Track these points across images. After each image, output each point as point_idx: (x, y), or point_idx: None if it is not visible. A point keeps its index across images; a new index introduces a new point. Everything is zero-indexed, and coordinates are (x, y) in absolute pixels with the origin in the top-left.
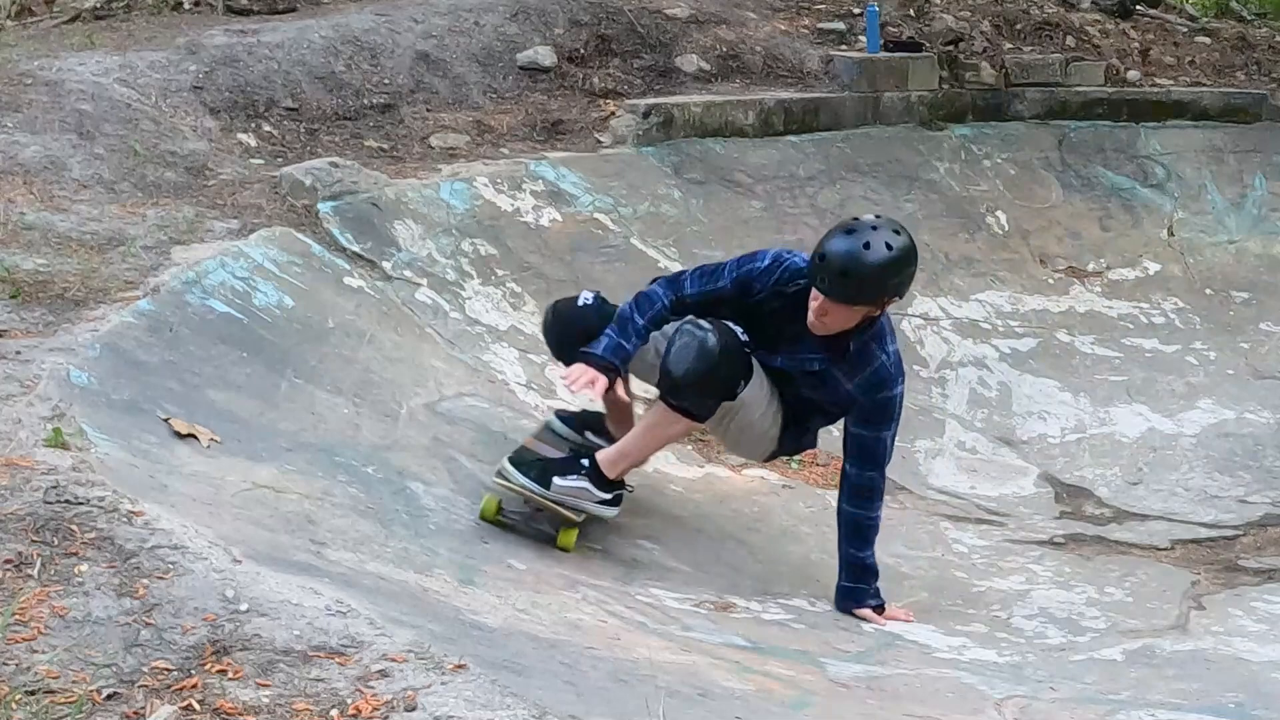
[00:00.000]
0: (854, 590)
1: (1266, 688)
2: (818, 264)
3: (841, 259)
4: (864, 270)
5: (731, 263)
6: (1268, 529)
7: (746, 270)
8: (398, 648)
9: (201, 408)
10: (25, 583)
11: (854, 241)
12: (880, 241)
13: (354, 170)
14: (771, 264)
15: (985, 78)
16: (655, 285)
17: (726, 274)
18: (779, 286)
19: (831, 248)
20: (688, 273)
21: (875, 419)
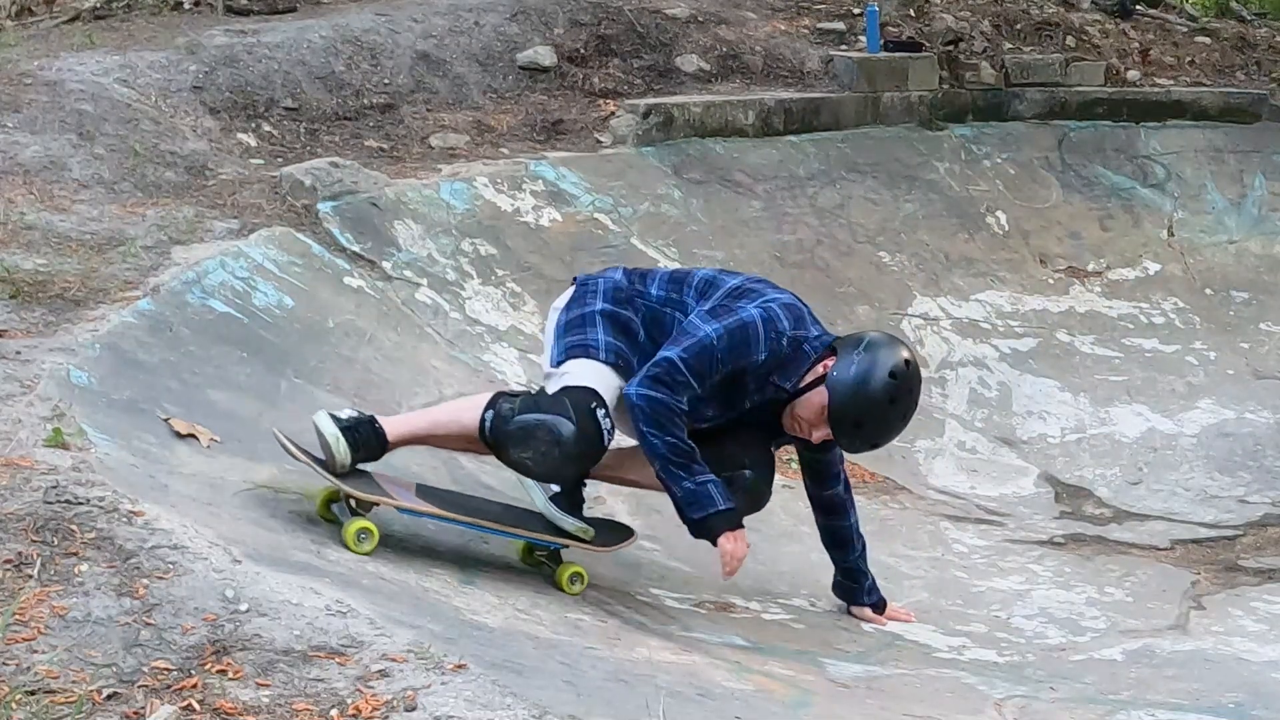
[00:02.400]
0: (848, 589)
1: (1266, 688)
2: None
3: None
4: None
5: (722, 350)
6: (1268, 529)
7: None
8: (398, 648)
9: (201, 408)
10: (25, 583)
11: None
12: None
13: (354, 170)
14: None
15: (985, 78)
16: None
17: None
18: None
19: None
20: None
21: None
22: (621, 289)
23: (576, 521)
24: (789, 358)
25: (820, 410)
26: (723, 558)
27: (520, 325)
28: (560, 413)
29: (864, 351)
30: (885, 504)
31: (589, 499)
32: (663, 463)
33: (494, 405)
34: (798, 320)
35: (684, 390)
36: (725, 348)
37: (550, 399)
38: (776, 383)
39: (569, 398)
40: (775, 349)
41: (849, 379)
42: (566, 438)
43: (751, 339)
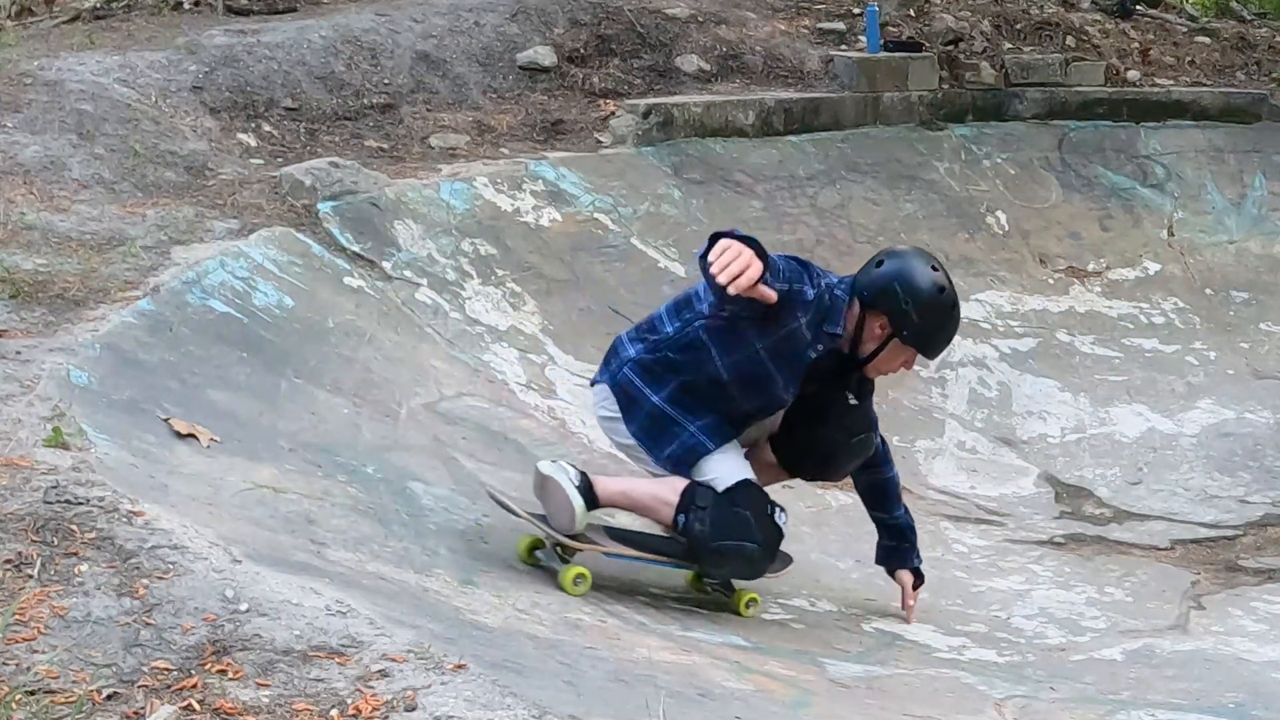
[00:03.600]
0: (891, 551)
1: (1266, 688)
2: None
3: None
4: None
5: (780, 267)
6: (1268, 529)
7: (798, 291)
8: (398, 648)
9: (201, 408)
10: (25, 583)
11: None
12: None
13: (354, 170)
14: (814, 297)
15: (985, 78)
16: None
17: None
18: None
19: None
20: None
21: (870, 393)
22: (645, 361)
23: None
24: (830, 302)
25: (905, 354)
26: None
27: (520, 325)
28: (746, 537)
29: (887, 268)
30: None
31: None
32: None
33: (686, 511)
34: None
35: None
36: (785, 267)
37: (734, 518)
38: (829, 331)
39: (750, 511)
40: (818, 287)
41: (900, 295)
42: (758, 557)
43: (801, 267)
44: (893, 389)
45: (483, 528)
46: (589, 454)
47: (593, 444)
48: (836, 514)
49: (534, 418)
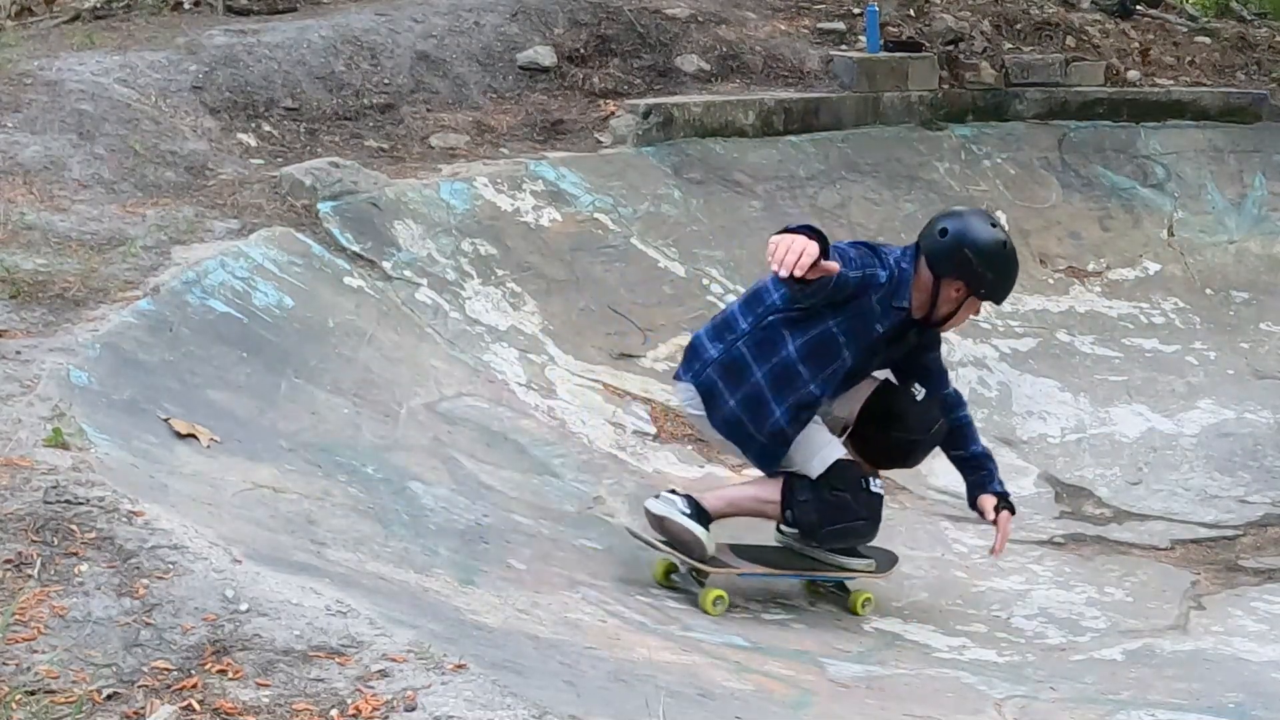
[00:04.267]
0: (977, 479)
1: (1266, 688)
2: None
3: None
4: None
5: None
6: (1268, 529)
7: (868, 277)
8: (398, 648)
9: (201, 408)
10: (25, 583)
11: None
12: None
13: (354, 170)
14: (887, 277)
15: (985, 78)
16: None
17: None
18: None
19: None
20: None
21: (936, 344)
22: (724, 360)
23: (859, 560)
24: (898, 277)
25: (976, 307)
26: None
27: (520, 325)
28: (851, 516)
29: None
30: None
31: (592, 500)
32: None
33: (791, 506)
34: (885, 247)
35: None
36: (855, 255)
37: (835, 501)
38: (896, 305)
39: (847, 491)
40: (889, 268)
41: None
42: (867, 529)
43: (880, 253)
44: None
45: (483, 527)
46: (589, 454)
47: (592, 444)
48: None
49: (534, 418)
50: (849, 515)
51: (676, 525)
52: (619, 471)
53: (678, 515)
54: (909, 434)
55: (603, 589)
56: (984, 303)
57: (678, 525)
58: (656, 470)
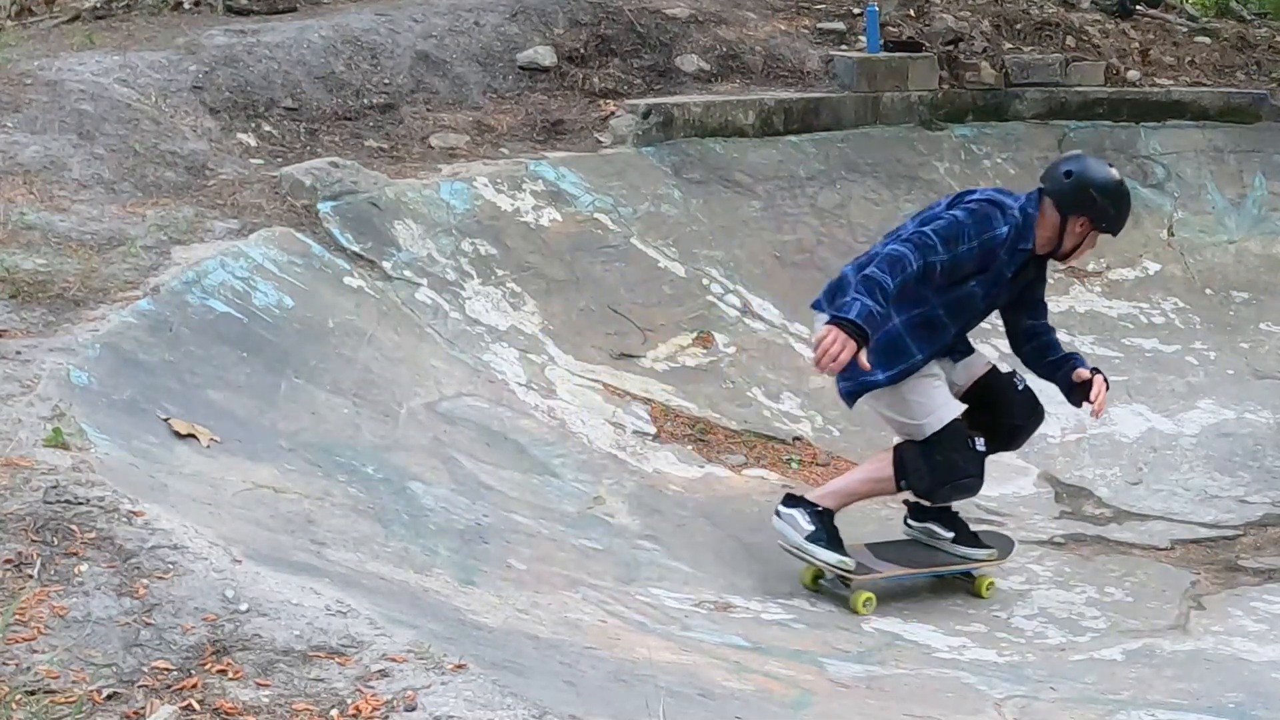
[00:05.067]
0: (1070, 366)
1: (1266, 688)
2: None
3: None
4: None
5: (968, 224)
6: (1268, 529)
7: (989, 240)
8: (398, 648)
9: (201, 408)
10: (25, 583)
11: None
12: None
13: (354, 170)
14: (1008, 232)
15: (985, 78)
16: (899, 246)
17: (968, 239)
18: (1016, 248)
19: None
20: (926, 232)
21: (1045, 278)
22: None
23: (982, 550)
24: (1021, 223)
25: (1090, 236)
26: (816, 340)
27: (520, 325)
28: (959, 475)
29: (1078, 176)
30: (885, 504)
31: (591, 500)
32: (861, 278)
33: (904, 477)
34: (1005, 196)
35: (929, 253)
36: (971, 223)
37: (943, 463)
38: (1022, 248)
39: (953, 452)
40: (1012, 222)
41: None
42: (976, 485)
43: (991, 217)
44: None
45: (483, 527)
46: (589, 454)
47: (592, 444)
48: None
49: (534, 418)
50: (958, 473)
51: (809, 557)
52: (619, 471)
53: (804, 544)
54: (1013, 419)
55: (603, 589)
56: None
57: (809, 557)
58: (656, 470)
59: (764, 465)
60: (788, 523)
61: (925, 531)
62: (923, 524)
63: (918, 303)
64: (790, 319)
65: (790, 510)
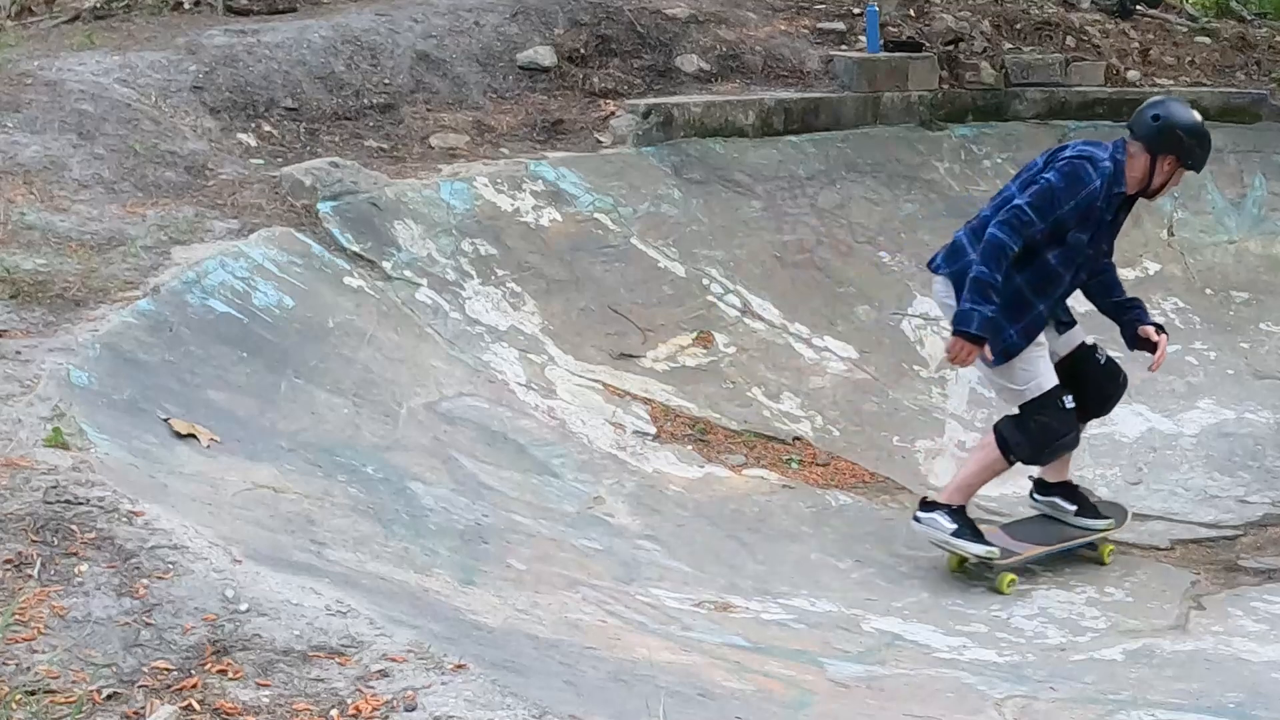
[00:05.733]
0: (1133, 316)
1: (1266, 688)
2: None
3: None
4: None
5: (1060, 187)
6: (1268, 529)
7: (1085, 196)
8: (398, 648)
9: (201, 408)
10: (25, 583)
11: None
12: None
13: (354, 170)
14: (1102, 183)
15: (985, 78)
16: (998, 233)
17: (1063, 202)
18: (1111, 194)
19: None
20: (1020, 205)
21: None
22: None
23: (1102, 520)
24: (1113, 171)
25: (1176, 173)
26: (947, 348)
27: (520, 325)
28: (1055, 435)
29: (1164, 119)
30: (885, 504)
31: (591, 500)
32: (971, 281)
33: (1010, 451)
34: (1095, 148)
35: (1027, 228)
36: (1063, 185)
37: (1039, 427)
38: (1117, 191)
39: (1046, 416)
40: (1104, 172)
41: (1183, 135)
42: (1071, 440)
43: (1083, 174)
44: (893, 389)
45: (483, 527)
46: (589, 454)
47: (592, 444)
48: (836, 514)
49: (534, 417)
50: (1054, 434)
51: (958, 550)
52: (619, 471)
53: (952, 540)
54: (1101, 391)
55: (603, 589)
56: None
57: (959, 551)
58: (656, 470)
59: (764, 465)
60: (929, 525)
61: (1050, 505)
62: (1048, 498)
63: (1032, 260)
64: (790, 319)
65: (929, 514)
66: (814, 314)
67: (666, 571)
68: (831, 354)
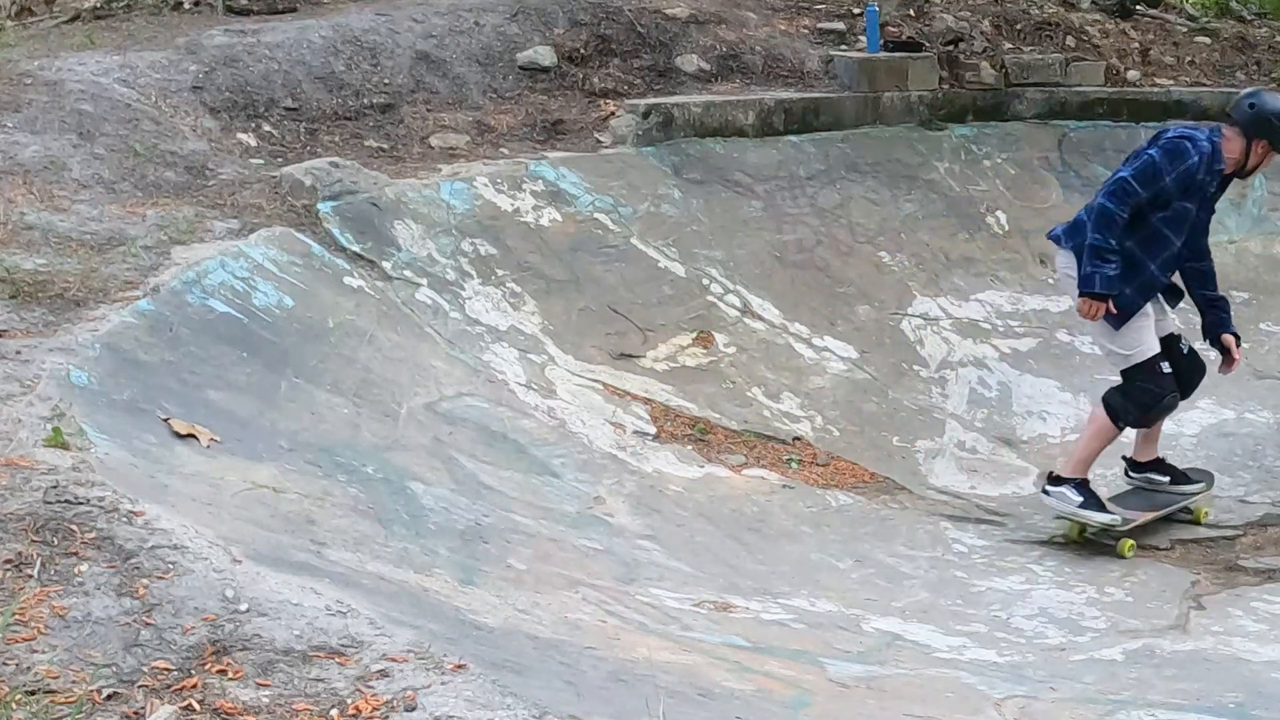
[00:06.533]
0: (1217, 320)
1: (1266, 688)
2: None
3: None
4: None
5: (1162, 162)
6: (1268, 529)
7: (1185, 170)
8: (398, 648)
9: (201, 408)
10: (25, 583)
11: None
12: None
13: (354, 170)
14: (1200, 159)
15: (985, 78)
16: (1107, 202)
17: (1165, 175)
18: (1212, 169)
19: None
20: (1124, 177)
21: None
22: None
23: (1194, 484)
24: (1212, 150)
25: (1268, 156)
26: (1078, 309)
27: (520, 325)
28: (1157, 398)
29: (1259, 108)
30: (885, 504)
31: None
32: (1088, 248)
33: (1120, 417)
34: (1194, 130)
35: (1131, 197)
36: (1165, 160)
37: (1142, 391)
38: (1217, 168)
39: (1147, 381)
40: (1202, 151)
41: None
42: (1172, 400)
43: (1183, 150)
44: (893, 389)
45: (483, 527)
46: (589, 454)
47: (592, 444)
48: (836, 514)
49: (534, 417)
50: (1157, 397)
51: (1085, 520)
52: (619, 471)
53: (1078, 510)
54: (1187, 376)
55: (603, 589)
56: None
57: (1086, 520)
58: (656, 470)
59: (764, 465)
60: (1058, 499)
61: (1145, 480)
62: (1142, 475)
63: (1142, 225)
64: (790, 319)
65: (1058, 489)
66: (814, 314)
67: (666, 571)
68: (831, 354)
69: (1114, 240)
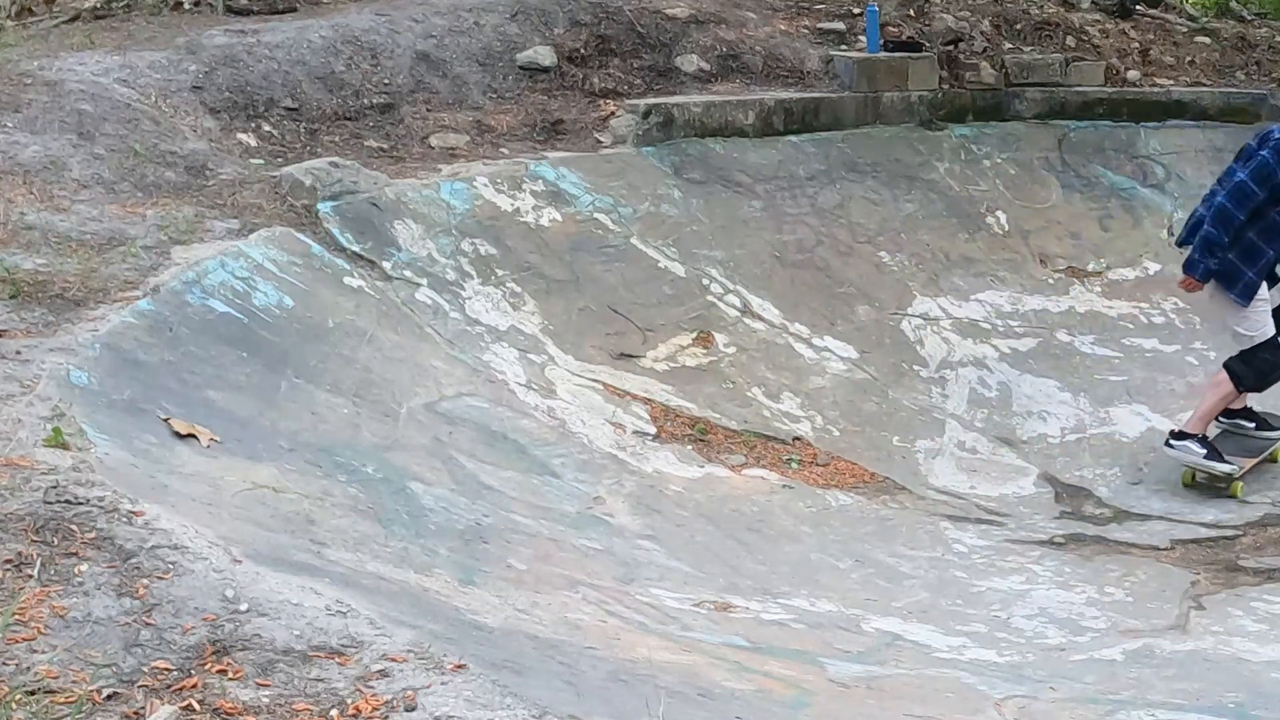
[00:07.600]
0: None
1: (1266, 688)
2: None
3: None
4: None
5: (1275, 162)
6: (1268, 529)
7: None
8: (398, 648)
9: (201, 408)
10: (25, 583)
11: None
12: None
13: (354, 170)
14: None
15: (985, 78)
16: (1226, 203)
17: (1278, 173)
18: None
19: None
20: (1242, 180)
21: None
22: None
23: (1276, 430)
24: None
25: None
26: (1180, 283)
27: (520, 325)
28: (1275, 368)
29: None
30: (885, 504)
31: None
32: (1200, 239)
33: (1241, 382)
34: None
35: (1250, 199)
36: (1277, 161)
37: (1263, 362)
38: None
39: (1268, 354)
40: None
41: None
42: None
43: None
44: (893, 389)
45: (483, 527)
46: (589, 454)
47: (592, 444)
48: (836, 514)
49: (534, 418)
50: (1276, 366)
51: (1207, 469)
52: (619, 471)
53: (1204, 461)
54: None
55: (603, 589)
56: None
57: (1207, 469)
58: (656, 470)
59: (764, 465)
60: (1183, 451)
61: (1234, 425)
62: (1232, 420)
63: (1261, 218)
64: (790, 319)
65: (1182, 442)
66: (814, 314)
67: (666, 571)
68: (831, 354)
69: (1227, 237)
